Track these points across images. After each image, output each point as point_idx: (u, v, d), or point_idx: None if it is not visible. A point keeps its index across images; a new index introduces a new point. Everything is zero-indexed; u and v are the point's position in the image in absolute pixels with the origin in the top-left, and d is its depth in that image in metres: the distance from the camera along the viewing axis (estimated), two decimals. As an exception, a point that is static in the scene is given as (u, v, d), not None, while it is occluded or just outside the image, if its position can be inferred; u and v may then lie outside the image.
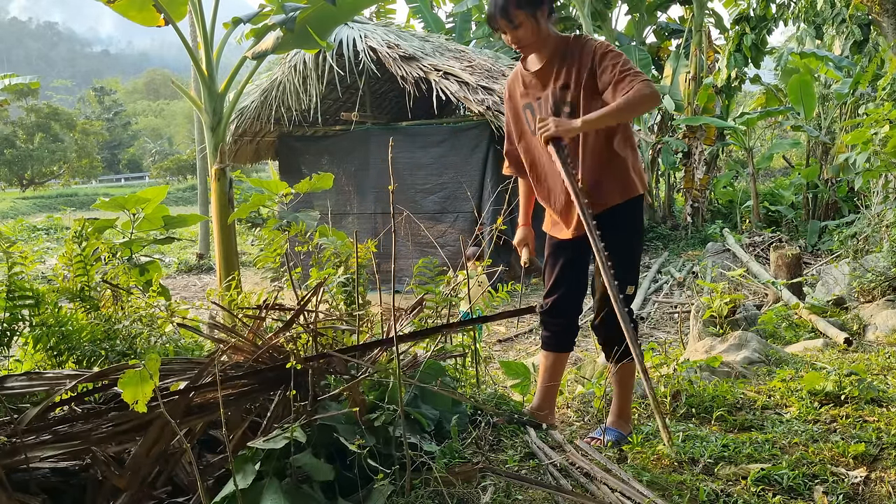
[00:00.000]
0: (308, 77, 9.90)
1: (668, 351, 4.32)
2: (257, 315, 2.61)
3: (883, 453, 2.58)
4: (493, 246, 5.49)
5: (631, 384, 2.89)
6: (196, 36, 7.61)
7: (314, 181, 3.82)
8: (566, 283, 2.82)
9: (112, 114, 55.29)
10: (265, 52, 4.74)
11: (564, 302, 2.84)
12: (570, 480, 2.32)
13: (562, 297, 2.83)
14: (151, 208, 4.20)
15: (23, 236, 16.90)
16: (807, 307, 5.89)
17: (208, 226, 12.66)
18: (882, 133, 6.38)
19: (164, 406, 1.78)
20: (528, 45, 2.66)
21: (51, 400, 2.09)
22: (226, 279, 4.52)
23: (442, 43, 10.98)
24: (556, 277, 2.83)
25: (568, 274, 2.82)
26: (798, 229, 12.93)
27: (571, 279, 2.83)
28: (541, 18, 2.62)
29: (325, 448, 2.12)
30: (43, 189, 39.50)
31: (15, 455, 1.88)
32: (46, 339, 2.88)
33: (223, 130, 4.97)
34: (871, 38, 11.07)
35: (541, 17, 2.62)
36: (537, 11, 2.60)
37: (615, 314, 2.66)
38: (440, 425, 2.56)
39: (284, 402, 2.22)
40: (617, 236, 2.66)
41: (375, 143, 10.13)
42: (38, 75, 9.60)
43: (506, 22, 2.60)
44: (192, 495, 1.98)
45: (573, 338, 2.94)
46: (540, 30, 2.63)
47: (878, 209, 7.34)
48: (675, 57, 14.34)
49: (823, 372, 3.59)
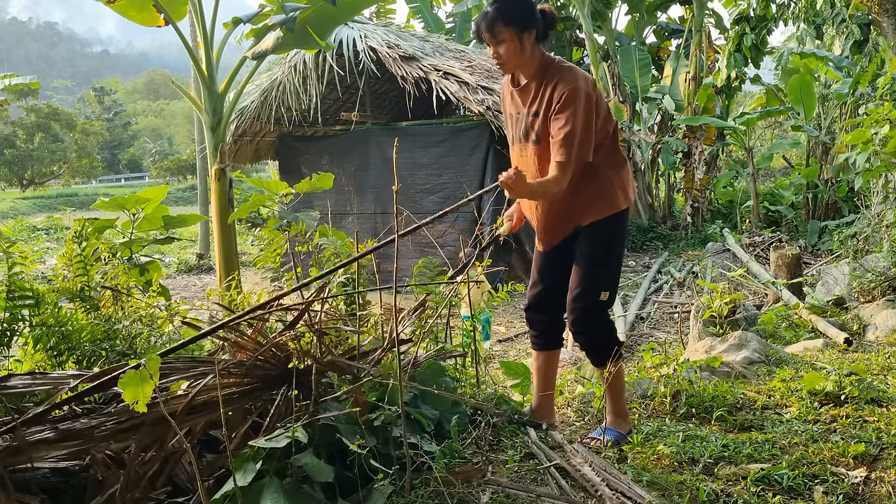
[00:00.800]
0: (308, 77, 9.90)
1: (668, 351, 4.32)
2: (260, 316, 2.61)
3: (883, 453, 2.58)
4: (494, 246, 5.50)
5: (620, 383, 2.89)
6: (196, 36, 7.61)
7: (314, 181, 3.82)
8: (549, 279, 2.86)
9: (112, 114, 55.27)
10: (265, 52, 4.74)
11: (545, 298, 2.87)
12: (569, 481, 2.33)
13: (542, 292, 2.87)
14: (151, 208, 4.20)
15: (23, 236, 16.89)
16: (807, 307, 5.89)
17: (208, 226, 12.66)
18: (882, 133, 6.38)
19: (163, 405, 1.78)
20: (507, 63, 2.65)
21: (52, 399, 2.09)
22: (226, 279, 4.52)
23: (442, 43, 10.98)
24: (539, 273, 2.88)
25: (550, 270, 2.85)
26: (798, 229, 12.92)
27: (554, 276, 2.85)
28: (526, 41, 2.60)
29: (326, 448, 2.12)
30: (43, 189, 39.48)
31: (16, 454, 1.88)
32: (46, 339, 2.88)
33: (223, 130, 4.97)
34: (871, 38, 11.07)
35: (526, 41, 2.59)
36: (524, 33, 2.58)
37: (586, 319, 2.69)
38: (440, 425, 2.56)
39: (286, 401, 2.23)
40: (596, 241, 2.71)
41: (375, 143, 10.13)
42: (38, 75, 9.60)
43: (489, 36, 2.59)
44: (193, 495, 1.98)
45: (560, 334, 2.96)
46: (522, 52, 2.60)
47: (878, 209, 7.34)
48: (675, 57, 14.34)
49: (823, 372, 3.60)
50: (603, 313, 2.76)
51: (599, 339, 2.75)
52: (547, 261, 2.85)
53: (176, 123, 61.41)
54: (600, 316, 2.75)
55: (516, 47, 2.59)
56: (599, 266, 2.71)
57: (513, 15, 2.57)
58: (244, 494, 1.82)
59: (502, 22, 2.56)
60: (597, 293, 2.69)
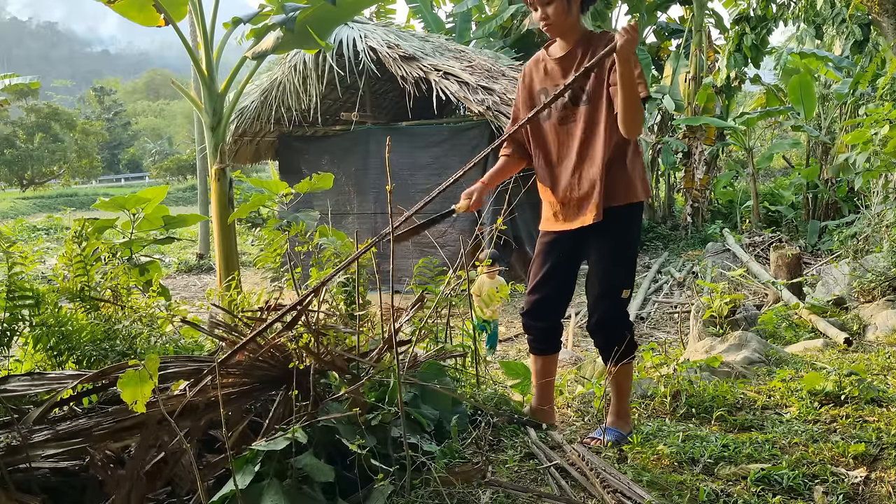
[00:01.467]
0: (308, 77, 9.90)
1: (668, 351, 4.32)
2: (259, 317, 2.61)
3: (883, 453, 2.58)
4: (493, 246, 5.51)
5: (628, 384, 2.88)
6: (196, 36, 7.60)
7: (314, 181, 3.82)
8: (553, 283, 2.78)
9: (112, 114, 55.28)
10: (265, 52, 4.74)
11: (547, 303, 2.80)
12: (569, 481, 2.33)
13: (545, 297, 2.79)
14: (151, 208, 4.20)
15: (23, 236, 16.89)
16: (807, 307, 5.89)
17: (208, 226, 12.66)
18: (882, 133, 6.39)
19: (162, 405, 1.78)
20: (554, 24, 2.64)
21: (52, 399, 2.09)
22: (226, 279, 4.52)
23: (442, 43, 10.98)
24: (544, 276, 2.78)
25: (556, 274, 2.78)
26: (798, 229, 12.93)
27: (559, 280, 2.79)
28: (573, 4, 2.62)
29: (326, 448, 2.12)
30: (43, 189, 39.48)
31: (16, 454, 1.88)
32: (46, 339, 2.88)
33: (223, 130, 4.97)
34: (871, 38, 11.06)
35: (574, 3, 2.62)
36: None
37: (610, 318, 2.67)
38: (440, 425, 2.56)
39: (285, 402, 2.22)
40: (615, 238, 2.67)
41: (375, 143, 10.13)
42: (38, 75, 9.61)
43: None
44: (192, 495, 1.98)
45: (558, 338, 2.92)
46: (570, 13, 2.63)
47: (878, 209, 7.34)
48: (675, 57, 14.34)
49: (823, 372, 3.60)
50: (625, 311, 2.76)
51: (621, 338, 2.71)
52: (549, 268, 2.78)
53: (176, 123, 61.42)
54: (623, 314, 2.74)
55: (564, 7, 2.60)
56: (619, 265, 2.69)
57: None
58: (244, 496, 1.82)
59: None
60: (619, 292, 2.68)
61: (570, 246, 2.77)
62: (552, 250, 2.79)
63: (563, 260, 2.78)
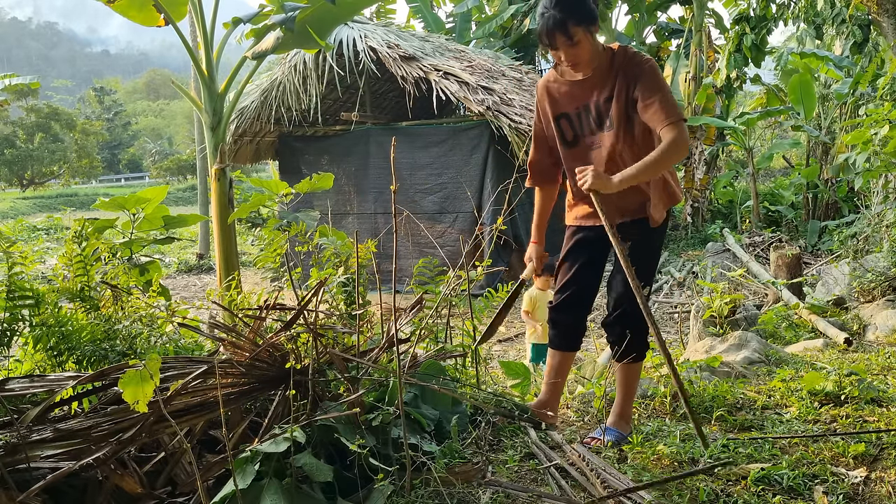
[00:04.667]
0: (308, 77, 9.90)
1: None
2: (258, 315, 2.61)
3: (883, 453, 2.58)
4: (493, 246, 5.52)
5: (635, 386, 2.90)
6: (196, 36, 7.61)
7: (314, 181, 3.82)
8: (581, 281, 2.83)
9: (112, 114, 55.25)
10: (265, 52, 4.74)
11: (576, 300, 2.85)
12: (569, 481, 2.33)
13: (574, 294, 2.84)
14: (151, 208, 4.20)
15: (23, 236, 16.90)
16: (807, 307, 5.89)
17: (208, 226, 12.66)
18: (882, 133, 6.39)
19: (163, 405, 1.78)
20: (582, 62, 2.57)
21: (52, 399, 2.09)
22: (226, 279, 4.52)
23: (442, 43, 10.98)
24: (573, 275, 2.83)
25: (584, 273, 2.83)
26: (798, 229, 12.93)
27: (587, 278, 2.84)
28: (595, 33, 2.57)
29: (325, 448, 2.12)
30: (43, 189, 39.48)
31: (16, 454, 1.88)
32: (46, 339, 2.88)
33: (223, 130, 4.97)
34: (871, 38, 11.06)
35: (595, 32, 2.57)
36: (592, 27, 2.54)
37: (630, 313, 2.68)
38: (440, 425, 2.56)
39: (284, 401, 2.22)
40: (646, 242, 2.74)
41: (375, 143, 10.13)
42: (38, 75, 9.61)
43: (564, 39, 2.49)
44: (192, 495, 1.99)
45: (580, 338, 2.95)
46: (595, 45, 2.57)
47: (878, 209, 7.34)
48: (675, 57, 14.33)
49: (823, 372, 3.59)
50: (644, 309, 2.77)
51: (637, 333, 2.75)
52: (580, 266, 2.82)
53: (176, 123, 61.39)
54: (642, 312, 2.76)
55: (591, 43, 2.55)
56: (646, 267, 2.74)
57: (581, 13, 2.49)
58: (244, 496, 1.82)
59: (576, 21, 2.48)
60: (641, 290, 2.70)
61: (598, 244, 2.81)
62: (580, 251, 2.85)
63: (590, 258, 2.83)
